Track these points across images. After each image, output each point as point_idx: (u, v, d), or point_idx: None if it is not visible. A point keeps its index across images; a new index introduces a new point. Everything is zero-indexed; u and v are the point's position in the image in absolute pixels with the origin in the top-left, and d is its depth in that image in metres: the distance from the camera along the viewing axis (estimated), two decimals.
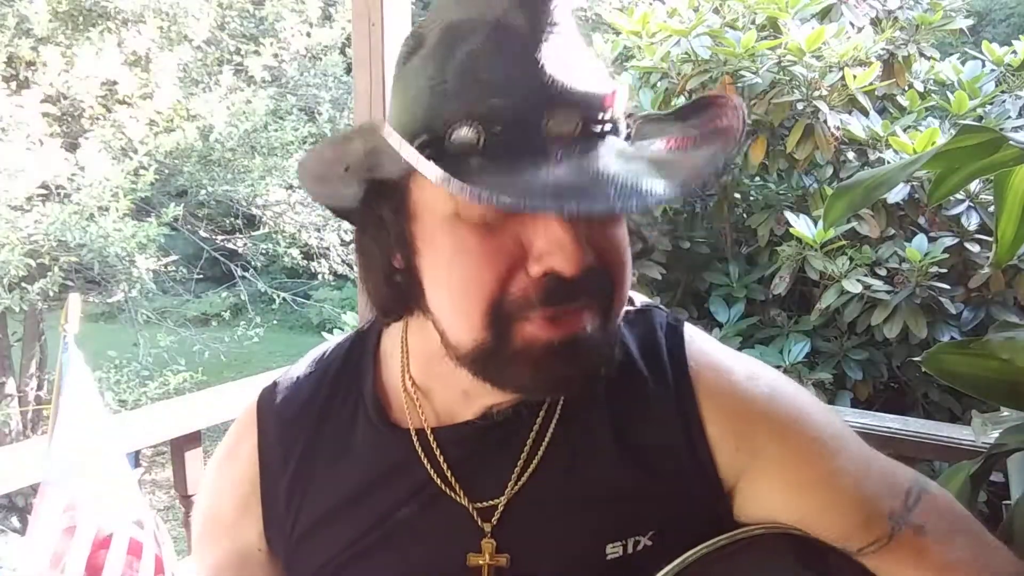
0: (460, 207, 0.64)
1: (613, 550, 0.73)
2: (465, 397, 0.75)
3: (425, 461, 0.76)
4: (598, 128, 0.63)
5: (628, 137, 0.68)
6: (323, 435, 0.80)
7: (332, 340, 0.88)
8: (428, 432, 0.76)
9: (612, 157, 0.62)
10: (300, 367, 0.86)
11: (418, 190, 0.67)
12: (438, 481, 0.75)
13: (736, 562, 0.74)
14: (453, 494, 0.75)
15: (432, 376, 0.77)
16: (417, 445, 0.76)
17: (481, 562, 0.74)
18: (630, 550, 0.74)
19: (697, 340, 0.81)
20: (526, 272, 0.64)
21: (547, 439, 0.75)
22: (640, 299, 0.84)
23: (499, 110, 0.61)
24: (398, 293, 0.72)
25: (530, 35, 0.63)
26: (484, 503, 0.75)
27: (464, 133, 0.62)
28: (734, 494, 0.77)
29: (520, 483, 0.75)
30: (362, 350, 0.83)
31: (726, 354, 0.81)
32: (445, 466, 0.75)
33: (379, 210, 0.70)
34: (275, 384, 0.85)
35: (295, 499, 0.79)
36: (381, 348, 0.83)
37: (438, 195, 0.65)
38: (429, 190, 0.66)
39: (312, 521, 0.79)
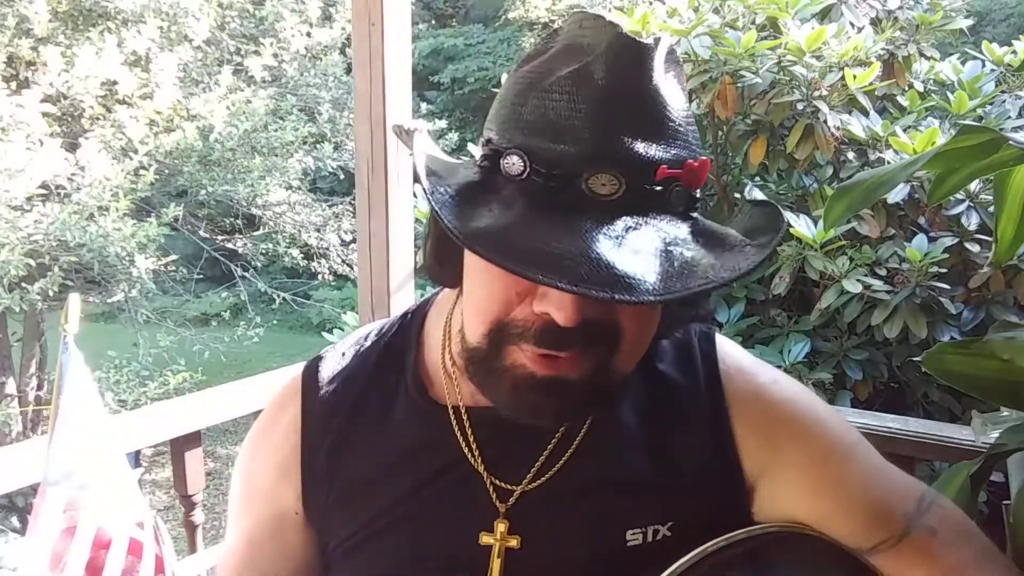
0: None
1: (633, 537, 0.76)
2: None
3: (459, 437, 0.79)
4: (646, 198, 0.63)
5: (688, 214, 0.68)
6: (365, 407, 0.83)
7: (378, 322, 0.92)
8: (463, 410, 0.80)
9: (643, 239, 0.62)
10: (345, 344, 0.89)
11: None
12: (468, 455, 0.79)
13: (751, 556, 0.77)
14: (477, 472, 0.78)
15: None
16: (453, 422, 0.80)
17: (492, 541, 0.77)
18: (649, 538, 0.77)
19: (726, 346, 0.85)
20: (530, 308, 0.67)
21: (581, 431, 0.79)
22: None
23: (547, 153, 0.63)
24: (448, 271, 0.76)
25: (609, 91, 0.63)
26: (504, 484, 0.78)
27: (513, 162, 0.64)
28: (754, 492, 0.80)
29: (542, 470, 0.78)
30: (407, 330, 0.87)
31: (751, 360, 0.86)
32: (475, 445, 0.79)
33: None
34: (319, 358, 0.88)
35: (333, 466, 0.82)
36: (425, 329, 0.86)
37: None
38: None
39: (348, 487, 0.82)
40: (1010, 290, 2.47)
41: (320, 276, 8.01)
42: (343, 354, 0.88)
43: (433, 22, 14.16)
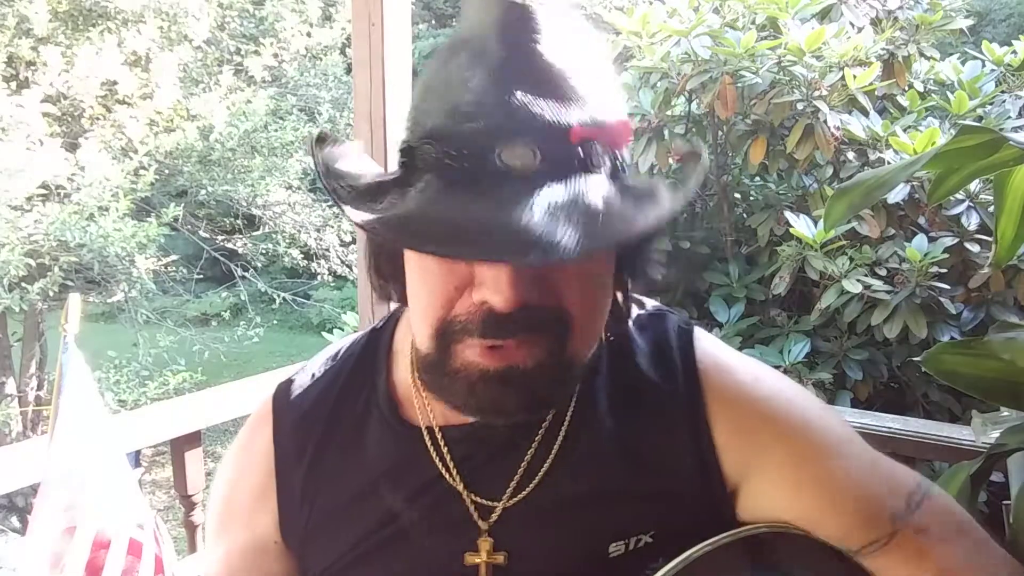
0: None
1: (615, 548, 0.75)
2: None
3: (435, 458, 0.77)
4: (562, 159, 0.60)
5: (615, 176, 0.64)
6: (337, 429, 0.81)
7: (347, 338, 0.89)
8: (436, 430, 0.77)
9: (564, 202, 0.59)
10: (315, 363, 0.87)
11: None
12: (446, 477, 0.76)
13: (738, 559, 0.75)
14: (456, 492, 0.76)
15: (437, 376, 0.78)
16: (428, 442, 0.77)
17: (478, 560, 0.75)
18: (631, 547, 0.75)
19: (705, 341, 0.82)
20: (470, 299, 0.65)
21: (557, 443, 0.76)
22: (651, 303, 0.85)
23: (457, 134, 0.61)
24: (390, 287, 0.76)
25: (503, 60, 0.62)
26: (484, 501, 0.76)
27: (427, 150, 0.63)
28: (738, 493, 0.78)
29: (522, 484, 0.76)
30: (376, 347, 0.84)
31: (732, 356, 0.82)
32: (452, 464, 0.76)
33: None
34: (290, 380, 0.86)
35: (309, 492, 0.80)
36: (393, 346, 0.84)
37: None
38: None
39: (326, 514, 0.80)
40: (1010, 290, 2.47)
41: (320, 276, 8.01)
42: (312, 375, 0.85)
43: (433, 22, 14.15)
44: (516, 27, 0.62)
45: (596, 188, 0.61)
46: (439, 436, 0.77)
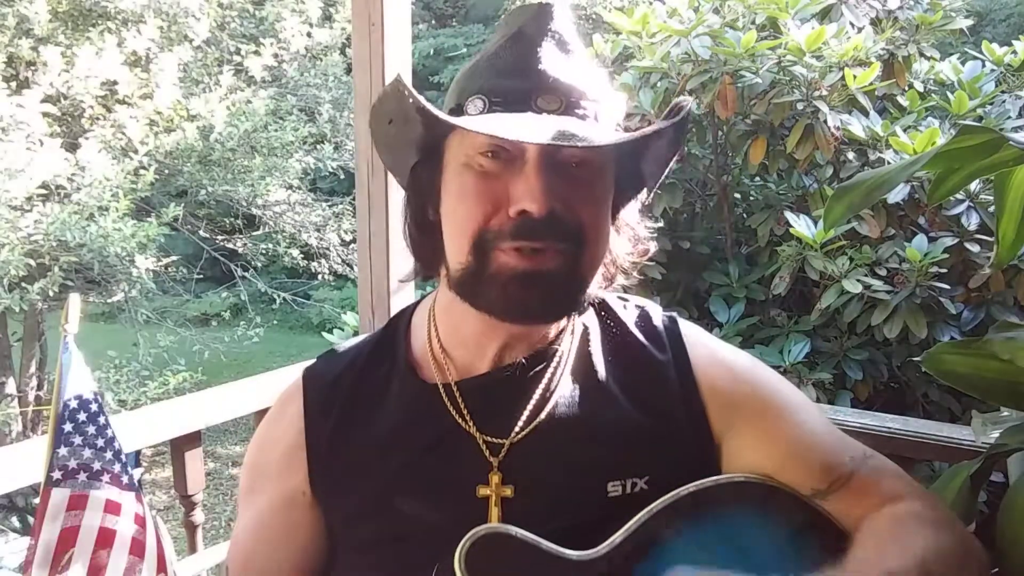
0: (468, 158, 0.84)
1: (613, 488, 0.87)
2: (480, 352, 0.92)
3: (451, 409, 0.91)
4: (579, 112, 0.84)
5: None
6: (362, 392, 0.95)
7: (369, 334, 1.06)
8: (453, 385, 0.92)
9: (581, 127, 0.82)
10: (340, 346, 1.03)
11: (447, 151, 0.87)
12: (460, 423, 0.90)
13: (721, 502, 0.88)
14: (469, 435, 0.89)
15: (454, 339, 0.94)
16: (444, 397, 0.91)
17: (488, 492, 0.87)
18: (628, 490, 0.87)
19: (689, 327, 1.00)
20: (506, 212, 0.82)
21: (556, 388, 0.91)
22: (637, 299, 1.02)
23: (502, 88, 0.84)
24: (429, 240, 0.91)
25: (535, 40, 0.86)
26: (494, 439, 0.89)
27: (475, 103, 0.85)
28: (721, 447, 0.92)
29: (527, 424, 0.89)
30: (396, 327, 1.01)
31: (712, 338, 1.01)
32: (466, 411, 0.90)
33: (422, 170, 0.91)
34: (317, 359, 1.02)
35: (336, 445, 0.93)
36: (412, 325, 1.00)
37: (458, 151, 0.85)
38: (453, 148, 0.86)
39: (352, 462, 0.92)
40: (1010, 290, 2.47)
41: (320, 276, 8.01)
42: (339, 352, 1.01)
43: (433, 22, 14.16)
44: (543, 17, 0.87)
45: (608, 130, 0.87)
46: (455, 389, 0.92)
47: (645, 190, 0.95)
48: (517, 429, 0.89)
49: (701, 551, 0.85)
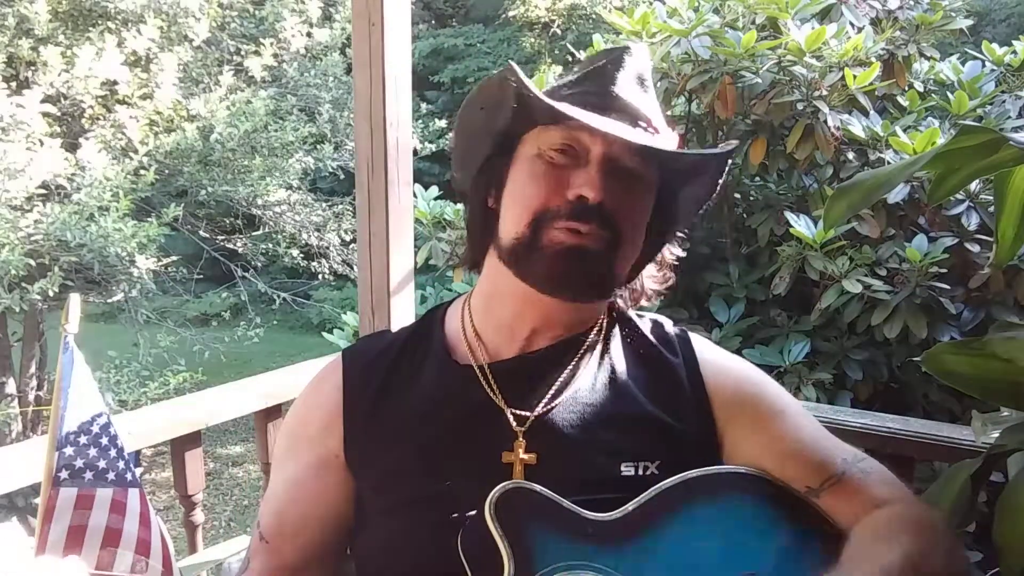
0: (541, 151, 0.99)
1: (626, 468, 0.96)
2: (510, 335, 1.04)
3: (484, 384, 1.01)
4: (647, 131, 0.98)
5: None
6: (399, 369, 1.06)
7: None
8: (485, 366, 1.03)
9: (648, 138, 0.97)
10: (378, 331, 1.20)
11: (522, 144, 1.01)
12: (492, 397, 1.00)
13: (719, 489, 0.97)
14: (499, 408, 0.99)
15: (489, 324, 1.06)
16: (479, 375, 1.02)
17: (513, 458, 0.96)
18: (640, 472, 0.96)
19: (697, 337, 1.10)
20: (565, 197, 0.96)
21: (579, 374, 1.02)
22: (653, 315, 1.14)
23: (581, 102, 0.97)
24: (486, 223, 1.04)
25: (613, 71, 1.01)
26: (522, 412, 0.99)
27: (561, 105, 0.96)
28: (723, 443, 1.02)
29: (551, 400, 1.00)
30: (432, 318, 1.12)
31: (719, 348, 1.12)
32: (496, 389, 1.01)
33: (494, 160, 1.03)
34: (356, 342, 1.17)
35: (374, 413, 1.03)
36: (446, 315, 1.12)
37: (532, 145, 1.00)
38: (529, 142, 1.00)
39: (388, 431, 1.01)
40: (1010, 290, 2.46)
41: (320, 276, 8.00)
42: (375, 338, 1.15)
43: (433, 22, 14.15)
44: (622, 54, 1.02)
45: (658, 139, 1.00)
46: (487, 369, 1.02)
47: (677, 228, 1.11)
48: (542, 405, 0.99)
49: (704, 526, 0.95)
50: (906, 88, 2.92)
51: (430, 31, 13.38)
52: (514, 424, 0.98)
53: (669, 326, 1.11)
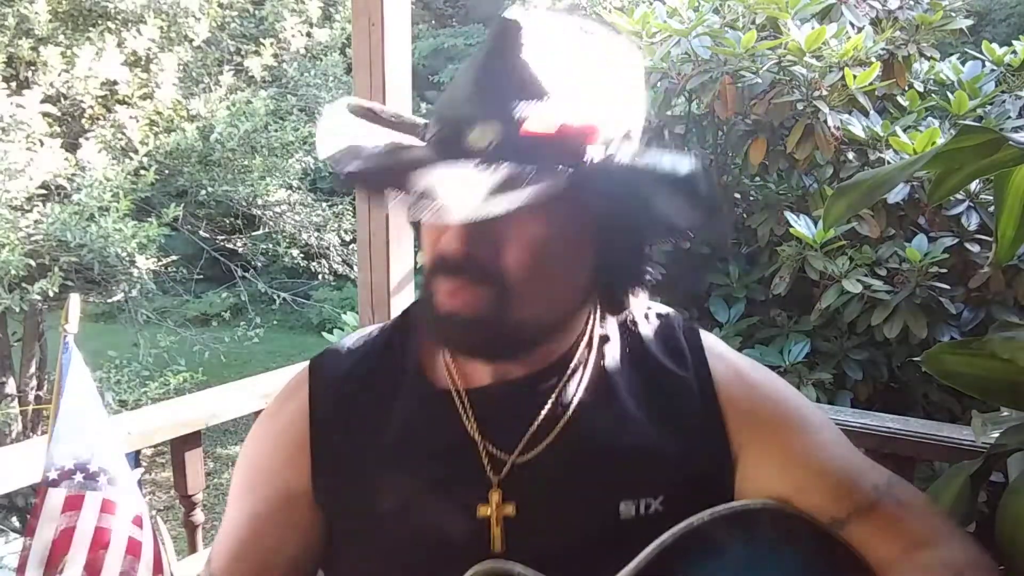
0: None
1: (626, 509, 0.81)
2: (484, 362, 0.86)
3: (461, 413, 0.85)
4: (524, 150, 0.71)
5: (580, 164, 0.73)
6: (371, 391, 0.90)
7: (375, 325, 0.99)
8: (463, 392, 0.86)
9: (499, 178, 0.69)
10: (350, 339, 0.96)
11: None
12: (468, 430, 0.84)
13: (735, 530, 0.81)
14: (473, 442, 0.84)
15: None
16: (456, 402, 0.86)
17: (488, 512, 0.81)
18: (642, 511, 0.81)
19: (710, 339, 0.93)
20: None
21: (569, 403, 0.85)
22: (660, 307, 0.96)
23: (448, 116, 0.76)
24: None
25: (483, 62, 0.76)
26: (498, 453, 0.83)
27: (430, 129, 0.78)
28: (737, 464, 0.86)
29: (535, 439, 0.83)
30: (407, 325, 0.94)
31: (733, 351, 0.95)
32: (473, 419, 0.85)
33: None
34: (324, 353, 0.95)
35: (343, 446, 0.88)
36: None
37: None
38: None
39: (358, 468, 0.87)
40: (1010, 290, 2.47)
41: (320, 276, 8.00)
42: (348, 347, 0.94)
43: (433, 22, 14.15)
44: (503, 39, 0.75)
45: (545, 174, 0.70)
46: (464, 396, 0.86)
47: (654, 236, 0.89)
48: (522, 448, 0.83)
49: None
50: (906, 88, 2.92)
51: (430, 31, 13.37)
52: (489, 471, 0.82)
53: (678, 327, 0.93)
